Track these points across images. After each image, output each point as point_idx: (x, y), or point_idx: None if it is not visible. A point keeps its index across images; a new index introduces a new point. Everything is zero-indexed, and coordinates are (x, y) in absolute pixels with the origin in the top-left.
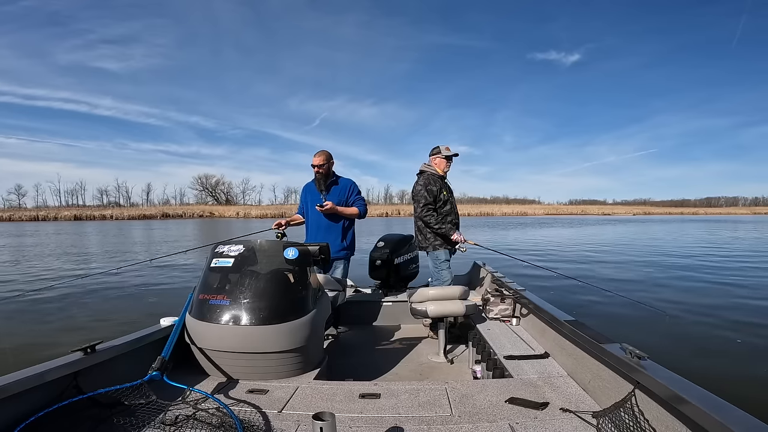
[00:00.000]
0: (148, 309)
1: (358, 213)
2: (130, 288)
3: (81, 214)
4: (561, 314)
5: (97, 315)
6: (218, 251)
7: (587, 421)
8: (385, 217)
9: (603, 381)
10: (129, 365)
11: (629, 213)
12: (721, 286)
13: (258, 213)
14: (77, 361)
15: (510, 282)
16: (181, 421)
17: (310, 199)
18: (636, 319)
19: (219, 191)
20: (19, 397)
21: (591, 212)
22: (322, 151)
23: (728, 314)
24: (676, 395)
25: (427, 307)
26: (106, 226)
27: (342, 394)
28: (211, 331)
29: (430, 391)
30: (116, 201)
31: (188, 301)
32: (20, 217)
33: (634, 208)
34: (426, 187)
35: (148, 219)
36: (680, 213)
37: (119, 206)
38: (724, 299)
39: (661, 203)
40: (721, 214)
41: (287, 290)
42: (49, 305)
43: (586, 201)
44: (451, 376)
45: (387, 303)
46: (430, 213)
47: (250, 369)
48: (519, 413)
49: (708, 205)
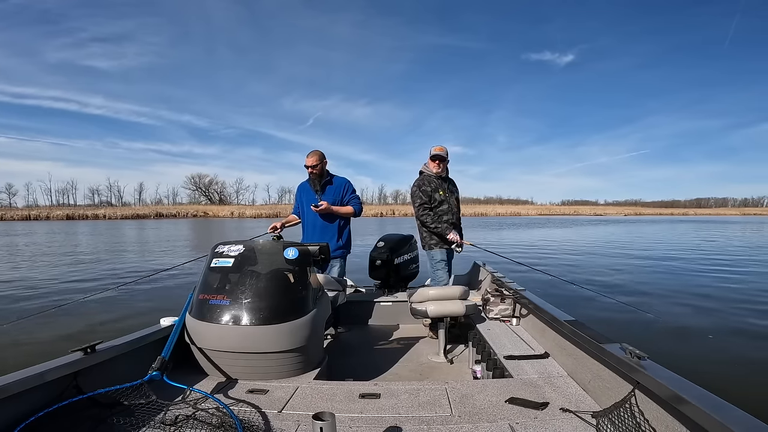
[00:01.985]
0: (148, 309)
1: (353, 212)
2: (131, 288)
3: (73, 214)
4: (561, 314)
5: (97, 315)
6: (218, 251)
7: (587, 421)
8: (379, 217)
9: (603, 381)
10: (129, 365)
11: (621, 213)
12: (721, 286)
13: (253, 213)
14: (77, 361)
15: (510, 282)
16: (181, 421)
17: (305, 199)
18: (636, 319)
19: (212, 191)
20: (19, 397)
21: (583, 213)
22: (314, 151)
23: (728, 314)
24: (676, 395)
25: (427, 307)
26: (100, 225)
27: (342, 394)
28: (211, 331)
29: (430, 391)
30: (108, 200)
31: (188, 301)
32: (12, 216)
33: (626, 208)
34: (420, 187)
35: (142, 219)
36: (670, 214)
37: (111, 206)
38: (724, 299)
39: (652, 204)
40: (711, 215)
41: (287, 290)
42: (49, 305)
43: (578, 201)
44: (451, 376)
45: (387, 303)
46: (425, 212)
47: (250, 369)
48: (519, 413)
49: (698, 206)
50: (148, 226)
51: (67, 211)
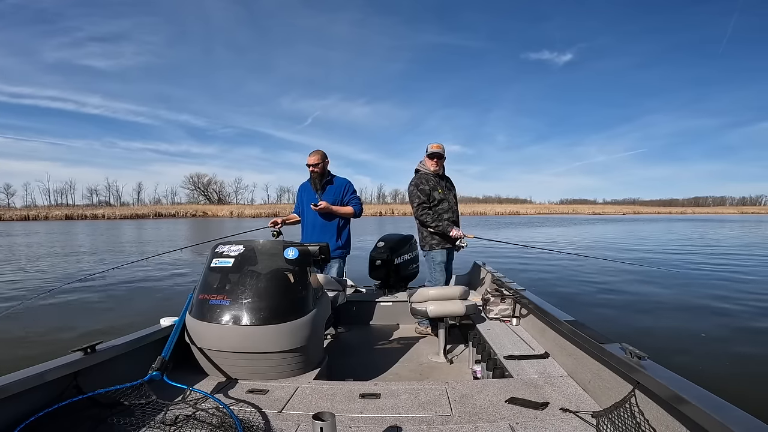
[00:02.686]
0: (148, 309)
1: (353, 212)
2: (131, 288)
3: (72, 214)
4: (561, 314)
5: (97, 315)
6: (218, 251)
7: (587, 421)
8: (378, 216)
9: (603, 381)
10: (129, 365)
11: (619, 212)
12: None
13: (252, 212)
14: (77, 361)
15: (510, 282)
16: (181, 421)
17: (305, 199)
18: (636, 319)
19: (211, 191)
20: (19, 397)
21: (582, 212)
22: (316, 150)
23: (728, 314)
24: (676, 395)
25: (427, 307)
26: (100, 225)
27: (342, 394)
28: (211, 331)
29: (430, 391)
30: (107, 200)
31: (188, 301)
32: (10, 216)
33: (624, 207)
34: (417, 186)
35: (141, 218)
36: (668, 212)
37: (110, 206)
38: (723, 298)
39: (650, 203)
40: (709, 214)
41: (287, 290)
42: (49, 305)
43: (577, 200)
44: (451, 376)
45: (387, 303)
46: (425, 212)
47: (250, 369)
48: (519, 413)
49: (696, 205)
50: (148, 225)
51: (66, 211)
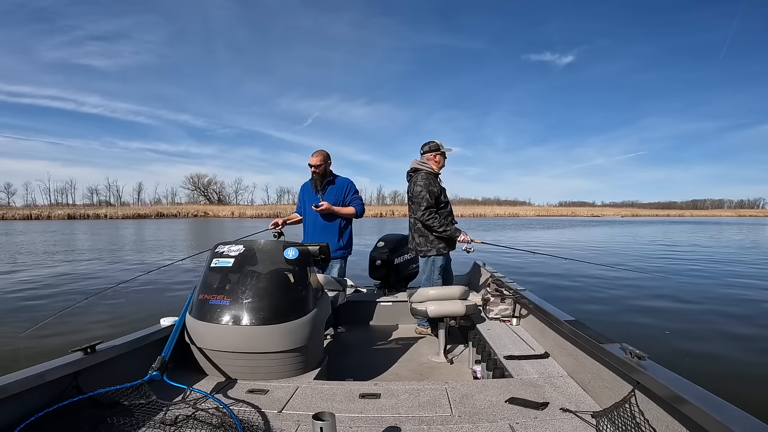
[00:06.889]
0: (148, 309)
1: (355, 212)
2: (131, 288)
3: (74, 213)
4: (561, 314)
5: (97, 315)
6: (218, 251)
7: (587, 421)
8: (378, 217)
9: (603, 381)
10: (129, 365)
11: (617, 215)
12: (720, 285)
13: (253, 213)
14: (77, 361)
15: (510, 282)
16: (181, 421)
17: (307, 199)
18: (636, 319)
19: (211, 191)
20: (19, 397)
21: (580, 214)
22: (319, 150)
23: (728, 314)
24: (676, 395)
25: (427, 307)
26: (102, 225)
27: (342, 394)
28: (212, 331)
29: (430, 391)
30: (107, 200)
31: (188, 301)
32: (12, 215)
33: (622, 210)
34: (428, 188)
35: (143, 218)
36: (667, 215)
37: (110, 205)
38: (723, 299)
39: (649, 205)
40: (707, 216)
41: (287, 290)
42: (49, 305)
43: (576, 203)
44: (451, 376)
45: (387, 303)
46: (432, 216)
47: (250, 369)
48: (519, 413)
49: (694, 208)
50: (150, 225)
51: (68, 210)
